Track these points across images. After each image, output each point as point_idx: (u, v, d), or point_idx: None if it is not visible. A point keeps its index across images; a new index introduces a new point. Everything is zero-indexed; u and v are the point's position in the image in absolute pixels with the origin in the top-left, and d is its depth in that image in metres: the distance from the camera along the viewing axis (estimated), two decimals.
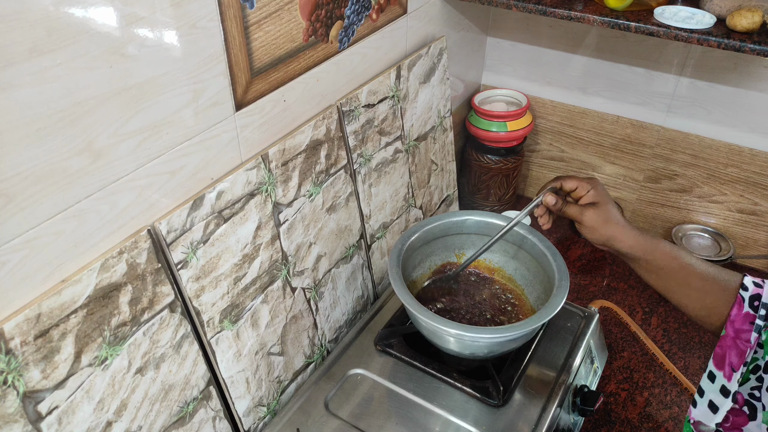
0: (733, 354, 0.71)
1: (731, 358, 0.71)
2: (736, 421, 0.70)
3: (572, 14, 1.08)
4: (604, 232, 0.82)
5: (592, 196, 0.83)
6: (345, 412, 0.86)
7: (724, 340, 0.72)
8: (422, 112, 1.16)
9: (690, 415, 0.75)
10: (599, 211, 0.82)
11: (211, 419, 0.80)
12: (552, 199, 0.85)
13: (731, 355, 0.71)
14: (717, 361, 0.73)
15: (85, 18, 0.55)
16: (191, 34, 0.66)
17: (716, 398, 0.72)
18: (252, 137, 0.81)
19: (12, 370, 0.56)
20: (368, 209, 1.06)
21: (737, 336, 0.71)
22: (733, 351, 0.71)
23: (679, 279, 0.79)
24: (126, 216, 0.66)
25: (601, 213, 0.82)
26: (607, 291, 1.31)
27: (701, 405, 0.74)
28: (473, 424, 0.84)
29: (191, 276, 0.73)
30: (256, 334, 0.84)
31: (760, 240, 1.37)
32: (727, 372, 0.71)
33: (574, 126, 1.47)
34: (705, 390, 0.73)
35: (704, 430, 0.73)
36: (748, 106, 1.24)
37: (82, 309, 0.61)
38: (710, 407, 0.73)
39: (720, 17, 1.02)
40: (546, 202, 0.86)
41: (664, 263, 0.79)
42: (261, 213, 0.82)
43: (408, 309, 0.84)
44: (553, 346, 0.97)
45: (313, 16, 0.84)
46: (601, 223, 0.82)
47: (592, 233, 0.83)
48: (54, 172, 0.57)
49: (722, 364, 0.72)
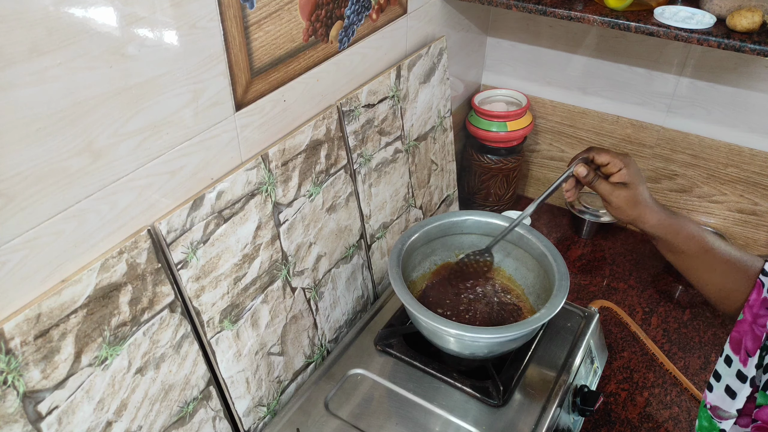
0: (749, 339, 0.70)
1: (747, 343, 0.70)
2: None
3: (572, 14, 1.08)
4: (631, 213, 0.80)
5: (624, 175, 0.80)
6: (345, 412, 0.86)
7: (741, 324, 0.72)
8: (422, 112, 1.16)
9: (705, 400, 0.74)
10: (630, 192, 0.80)
11: (211, 419, 0.80)
12: (583, 171, 0.83)
13: (747, 340, 0.70)
14: (733, 345, 0.72)
15: (85, 18, 0.55)
16: (191, 34, 0.66)
17: (733, 383, 0.71)
18: (252, 137, 0.81)
19: (12, 370, 0.56)
20: (368, 209, 1.06)
21: (754, 321, 0.71)
22: (749, 336, 0.70)
23: (701, 261, 0.78)
24: (126, 216, 0.66)
25: (631, 195, 0.80)
26: (607, 291, 1.31)
27: (717, 389, 0.73)
28: (473, 424, 0.84)
29: (191, 276, 0.73)
30: (256, 334, 0.84)
31: (760, 240, 1.37)
32: (743, 356, 0.71)
33: (574, 126, 1.47)
34: (722, 374, 0.73)
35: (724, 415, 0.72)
36: (748, 106, 1.24)
37: (82, 309, 0.61)
38: (727, 392, 0.72)
39: (720, 17, 1.02)
40: (577, 172, 0.83)
41: (688, 245, 0.79)
42: (261, 213, 0.82)
43: (408, 309, 0.84)
44: (553, 346, 0.97)
45: (313, 16, 0.84)
46: (630, 204, 0.80)
47: (620, 213, 0.82)
48: (54, 172, 0.57)
49: (738, 349, 0.71)
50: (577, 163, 0.83)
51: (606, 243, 1.44)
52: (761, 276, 0.73)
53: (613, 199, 0.81)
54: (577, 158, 0.85)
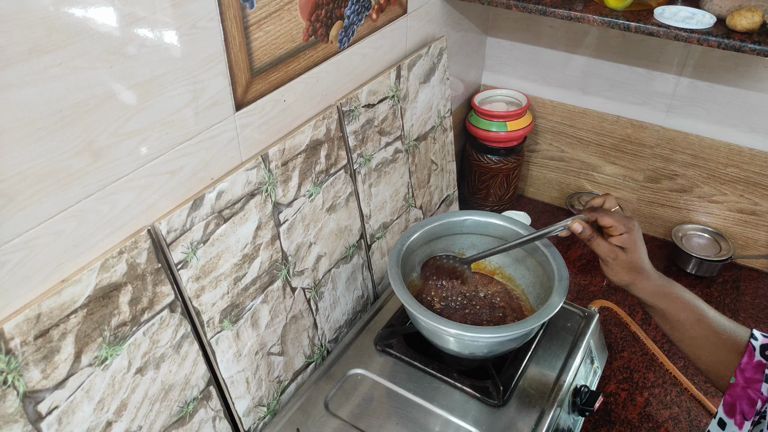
0: (744, 403, 0.70)
1: (743, 407, 0.70)
2: None
3: (572, 14, 1.08)
4: (625, 277, 0.79)
5: (625, 240, 0.78)
6: (345, 412, 0.86)
7: (734, 388, 0.71)
8: (422, 112, 1.16)
9: None
10: (628, 257, 0.78)
11: (211, 419, 0.80)
12: (579, 228, 0.80)
13: (743, 404, 0.70)
14: (727, 409, 0.72)
15: (85, 18, 0.55)
16: (191, 34, 0.66)
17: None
18: (252, 137, 0.81)
19: (12, 370, 0.56)
20: (368, 209, 1.06)
21: (748, 385, 0.70)
22: (744, 400, 0.70)
23: (694, 332, 0.77)
24: (126, 216, 0.66)
25: (630, 260, 0.78)
26: (607, 291, 1.30)
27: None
28: (473, 424, 0.84)
29: (191, 276, 0.73)
30: (256, 334, 0.84)
31: (760, 240, 1.37)
32: (738, 420, 0.70)
33: (574, 126, 1.47)
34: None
35: None
36: (748, 106, 1.24)
37: (82, 309, 0.61)
38: None
39: (720, 17, 1.02)
40: (573, 228, 0.80)
41: (681, 315, 0.78)
42: (261, 213, 0.82)
43: (408, 309, 0.84)
44: (553, 346, 0.97)
45: (313, 16, 0.84)
46: (627, 269, 0.78)
47: (614, 275, 0.80)
48: (54, 172, 0.57)
49: (733, 412, 0.71)
50: (575, 220, 0.81)
51: None
52: (751, 340, 0.73)
53: (609, 261, 0.79)
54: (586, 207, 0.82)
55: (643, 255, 0.79)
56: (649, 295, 0.79)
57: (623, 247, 0.78)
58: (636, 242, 0.78)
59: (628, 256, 0.78)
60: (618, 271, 0.79)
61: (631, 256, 0.78)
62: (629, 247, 0.78)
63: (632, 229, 0.78)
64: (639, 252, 0.78)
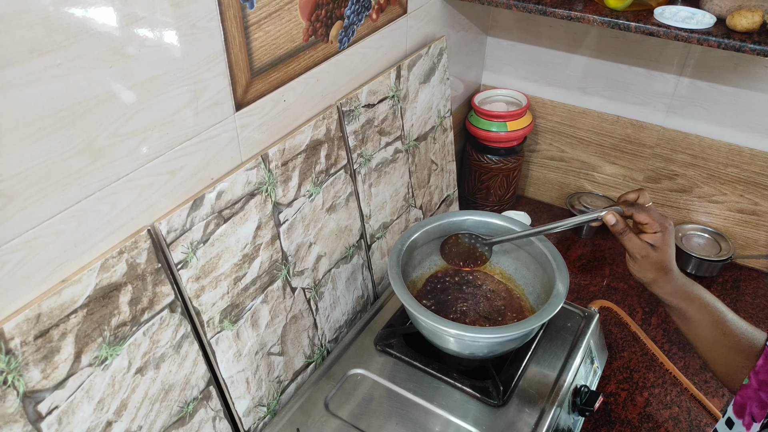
0: (754, 405, 0.69)
1: (753, 408, 0.69)
2: None
3: (572, 14, 1.08)
4: (650, 275, 0.78)
5: (658, 239, 0.77)
6: (345, 412, 0.86)
7: (746, 389, 0.71)
8: (422, 112, 1.16)
9: None
10: (658, 256, 0.77)
11: (211, 419, 0.80)
12: (613, 220, 0.79)
13: (753, 406, 0.70)
14: (737, 408, 0.71)
15: (85, 18, 0.55)
16: (191, 34, 0.66)
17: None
18: (252, 137, 0.81)
19: (12, 370, 0.56)
20: (368, 209, 1.06)
21: (760, 387, 0.70)
22: (755, 402, 0.70)
23: (711, 333, 0.77)
24: (126, 216, 0.66)
25: (659, 259, 0.77)
26: (607, 291, 1.31)
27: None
28: (473, 424, 0.84)
29: (191, 276, 0.73)
30: (256, 334, 0.84)
31: (760, 240, 1.37)
32: (747, 421, 0.70)
33: (574, 126, 1.47)
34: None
35: None
36: (748, 106, 1.24)
37: (82, 309, 0.61)
38: None
39: (720, 17, 1.02)
40: (606, 220, 0.79)
41: (699, 316, 0.77)
42: (261, 213, 0.82)
43: (408, 309, 0.84)
44: (553, 346, 0.97)
45: (313, 16, 0.84)
46: (654, 268, 0.78)
47: (639, 272, 0.79)
48: (54, 172, 0.57)
49: (742, 413, 0.70)
50: (609, 211, 0.79)
51: (606, 243, 1.44)
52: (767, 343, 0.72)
53: (638, 257, 0.78)
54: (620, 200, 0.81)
55: (672, 255, 0.78)
56: (668, 295, 0.79)
57: (654, 245, 0.78)
58: (668, 242, 0.78)
59: (658, 255, 0.78)
60: (645, 269, 0.79)
61: (661, 255, 0.78)
62: (661, 247, 0.78)
63: (667, 228, 0.78)
64: (669, 252, 0.78)
